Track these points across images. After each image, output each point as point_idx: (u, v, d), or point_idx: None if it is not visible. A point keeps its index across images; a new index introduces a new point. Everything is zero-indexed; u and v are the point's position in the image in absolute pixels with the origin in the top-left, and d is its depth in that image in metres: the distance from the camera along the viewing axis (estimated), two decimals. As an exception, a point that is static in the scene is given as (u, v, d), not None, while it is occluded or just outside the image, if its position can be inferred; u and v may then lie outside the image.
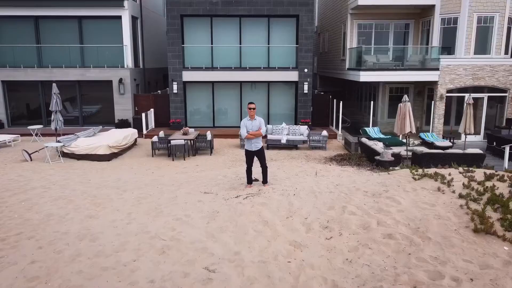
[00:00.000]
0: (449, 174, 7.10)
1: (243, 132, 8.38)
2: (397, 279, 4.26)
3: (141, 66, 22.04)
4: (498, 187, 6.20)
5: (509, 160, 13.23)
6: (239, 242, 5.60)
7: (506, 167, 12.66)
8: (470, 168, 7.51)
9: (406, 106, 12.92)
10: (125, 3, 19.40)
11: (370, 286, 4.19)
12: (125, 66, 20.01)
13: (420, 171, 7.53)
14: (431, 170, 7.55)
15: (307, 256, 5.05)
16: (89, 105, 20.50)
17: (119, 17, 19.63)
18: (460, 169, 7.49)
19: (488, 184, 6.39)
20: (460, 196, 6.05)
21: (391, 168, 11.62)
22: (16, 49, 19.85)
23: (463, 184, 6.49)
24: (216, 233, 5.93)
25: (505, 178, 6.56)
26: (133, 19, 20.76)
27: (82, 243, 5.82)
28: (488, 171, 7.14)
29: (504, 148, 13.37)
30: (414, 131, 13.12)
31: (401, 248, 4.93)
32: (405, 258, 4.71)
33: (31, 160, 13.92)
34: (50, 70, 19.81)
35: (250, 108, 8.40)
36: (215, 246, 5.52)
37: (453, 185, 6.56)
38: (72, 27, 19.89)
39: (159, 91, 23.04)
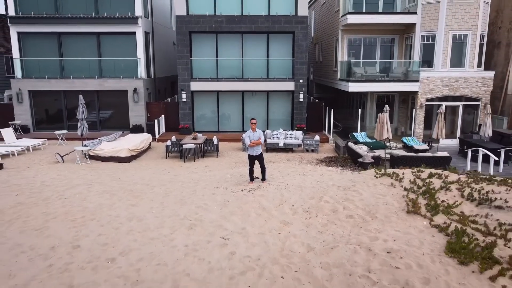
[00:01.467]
0: (403, 173, 9.36)
1: (246, 141, 10.66)
2: (349, 241, 6.51)
3: (152, 76, 24.29)
4: (434, 183, 8.45)
5: (483, 162, 15.33)
6: (244, 221, 7.85)
7: (468, 168, 14.88)
8: (421, 168, 9.75)
9: (384, 116, 15.15)
10: (139, 21, 21.67)
11: (331, 246, 6.44)
12: (139, 77, 22.27)
13: (382, 171, 9.79)
14: (391, 170, 9.80)
15: (292, 229, 7.31)
16: (106, 112, 22.74)
17: (134, 33, 21.90)
18: (413, 169, 9.75)
19: (428, 180, 8.64)
20: (405, 189, 8.31)
21: (369, 168, 13.85)
22: (41, 62, 22.12)
23: (410, 180, 8.75)
24: (227, 216, 8.18)
25: (442, 176, 8.81)
26: (146, 34, 23.02)
27: (132, 223, 8.08)
28: (433, 171, 9.39)
29: (467, 151, 15.61)
30: (390, 137, 15.34)
31: (356, 224, 7.19)
32: (357, 229, 6.96)
33: (63, 161, 16.17)
34: (71, 81, 22.08)
35: (252, 123, 10.69)
36: (227, 224, 7.77)
37: (403, 181, 8.82)
38: (91, 42, 22.16)
39: (168, 99, 25.27)
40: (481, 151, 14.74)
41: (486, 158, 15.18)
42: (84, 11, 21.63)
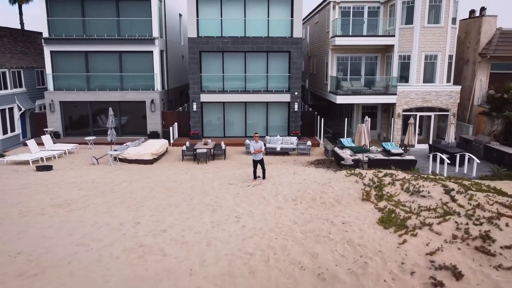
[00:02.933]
0: (366, 173, 12.74)
1: (251, 149, 14.06)
2: (320, 217, 9.89)
3: (166, 88, 27.65)
4: (385, 180, 11.84)
5: (451, 164, 18.62)
6: (250, 206, 11.23)
7: (430, 170, 18.23)
8: (380, 169, 13.13)
9: (362, 126, 18.53)
10: (156, 41, 25.04)
11: (308, 221, 9.82)
12: (155, 90, 25.65)
13: (352, 171, 13.16)
14: (358, 170, 13.19)
15: (283, 212, 10.69)
16: (127, 119, 26.07)
17: (151, 52, 25.26)
18: (374, 170, 13.13)
19: (382, 178, 12.02)
20: (364, 184, 11.70)
21: (352, 170, 17.21)
22: (71, 76, 25.48)
23: (369, 178, 12.14)
24: (238, 203, 11.56)
25: (393, 175, 12.20)
26: (161, 52, 26.38)
27: (171, 208, 11.46)
28: (388, 171, 12.77)
29: (430, 155, 19.00)
30: (367, 143, 18.72)
31: (326, 208, 10.58)
32: (327, 211, 10.35)
33: (98, 163, 19.54)
34: (96, 93, 25.45)
35: (255, 136, 14.09)
36: (239, 208, 11.15)
37: (364, 179, 12.21)
38: (114, 59, 25.52)
39: (180, 108, 28.62)
40: (438, 155, 18.13)
41: (449, 160, 18.59)
42: (108, 33, 25.01)
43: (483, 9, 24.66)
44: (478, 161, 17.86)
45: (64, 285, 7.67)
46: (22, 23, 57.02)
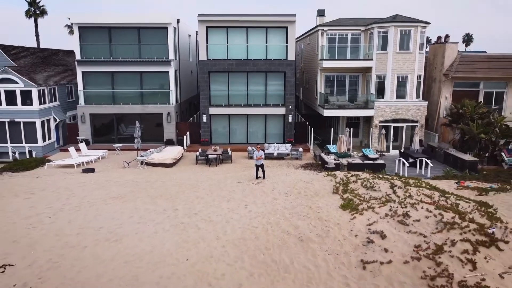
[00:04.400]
0: (339, 174, 17.32)
1: (254, 156, 18.62)
2: (302, 204, 14.46)
3: (179, 102, 32.18)
4: (352, 179, 16.41)
5: (412, 166, 23.14)
6: (254, 198, 15.80)
7: (396, 172, 22.74)
8: (350, 171, 17.69)
9: (342, 137, 23.10)
10: (171, 63, 29.59)
11: (294, 206, 14.37)
12: (171, 104, 30.18)
13: (329, 173, 17.72)
14: (334, 172, 17.75)
15: (277, 201, 15.26)
16: (146, 129, 30.52)
17: (167, 72, 29.81)
18: (346, 172, 17.71)
19: (350, 178, 16.59)
20: (336, 182, 16.28)
21: (331, 172, 21.77)
22: (99, 92, 29.97)
23: (340, 178, 16.72)
24: (246, 195, 16.12)
25: (358, 176, 16.77)
26: (175, 71, 30.92)
27: (198, 199, 15.99)
28: (355, 173, 17.33)
29: (397, 159, 23.55)
30: (346, 150, 23.26)
31: (308, 198, 15.16)
32: (308, 200, 14.92)
33: (129, 166, 24.02)
34: (121, 106, 29.96)
35: (257, 147, 18.68)
36: (246, 199, 15.71)
37: (337, 179, 16.78)
38: (136, 78, 30.04)
39: (191, 119, 33.13)
40: (401, 160, 22.71)
41: (413, 164, 23.20)
42: (131, 56, 29.54)
43: (447, 36, 29.30)
44: (431, 165, 22.43)
45: (137, 246, 12.22)
46: (37, 35, 61.71)
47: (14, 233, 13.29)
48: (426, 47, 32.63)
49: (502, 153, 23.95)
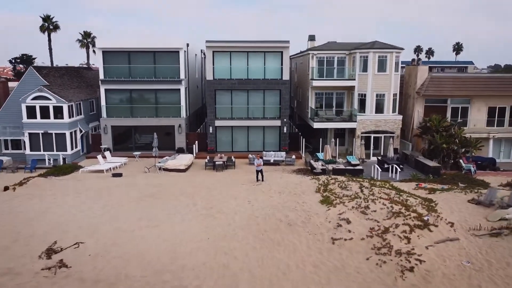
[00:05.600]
0: (322, 177, 21.98)
1: (254, 163, 23.27)
2: (292, 200, 19.11)
3: (188, 115, 36.80)
4: (331, 181, 21.09)
5: (386, 171, 27.80)
6: (255, 196, 20.45)
7: (371, 176, 27.37)
8: (331, 176, 22.36)
9: (327, 147, 27.79)
10: (182, 82, 34.27)
11: (286, 201, 19.02)
12: (181, 117, 34.81)
13: (313, 176, 22.36)
14: (318, 176, 22.42)
15: (273, 198, 19.90)
16: (160, 138, 35.05)
17: (179, 89, 34.47)
18: (328, 176, 22.39)
19: (330, 180, 21.27)
20: (319, 184, 20.96)
21: (316, 176, 26.41)
22: (119, 107, 34.57)
23: (322, 180, 21.39)
24: (249, 194, 20.76)
25: (337, 179, 21.45)
26: (185, 88, 35.57)
27: (212, 197, 20.60)
28: (335, 176, 21.98)
29: (372, 165, 28.21)
30: (331, 157, 27.90)
31: (297, 196, 19.81)
32: (296, 197, 19.58)
33: (149, 171, 28.56)
34: (138, 119, 34.56)
35: (257, 156, 23.35)
36: (249, 197, 20.36)
37: (320, 181, 21.45)
38: (151, 94, 34.67)
39: (198, 129, 37.73)
40: (376, 166, 27.40)
41: (387, 169, 27.87)
42: (147, 76, 34.18)
43: (419, 59, 34.13)
44: (400, 170, 27.13)
45: (171, 230, 16.82)
46: (50, 49, 66.62)
47: (77, 221, 17.87)
48: (403, 67, 37.46)
49: (461, 160, 28.69)
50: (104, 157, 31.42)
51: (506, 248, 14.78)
